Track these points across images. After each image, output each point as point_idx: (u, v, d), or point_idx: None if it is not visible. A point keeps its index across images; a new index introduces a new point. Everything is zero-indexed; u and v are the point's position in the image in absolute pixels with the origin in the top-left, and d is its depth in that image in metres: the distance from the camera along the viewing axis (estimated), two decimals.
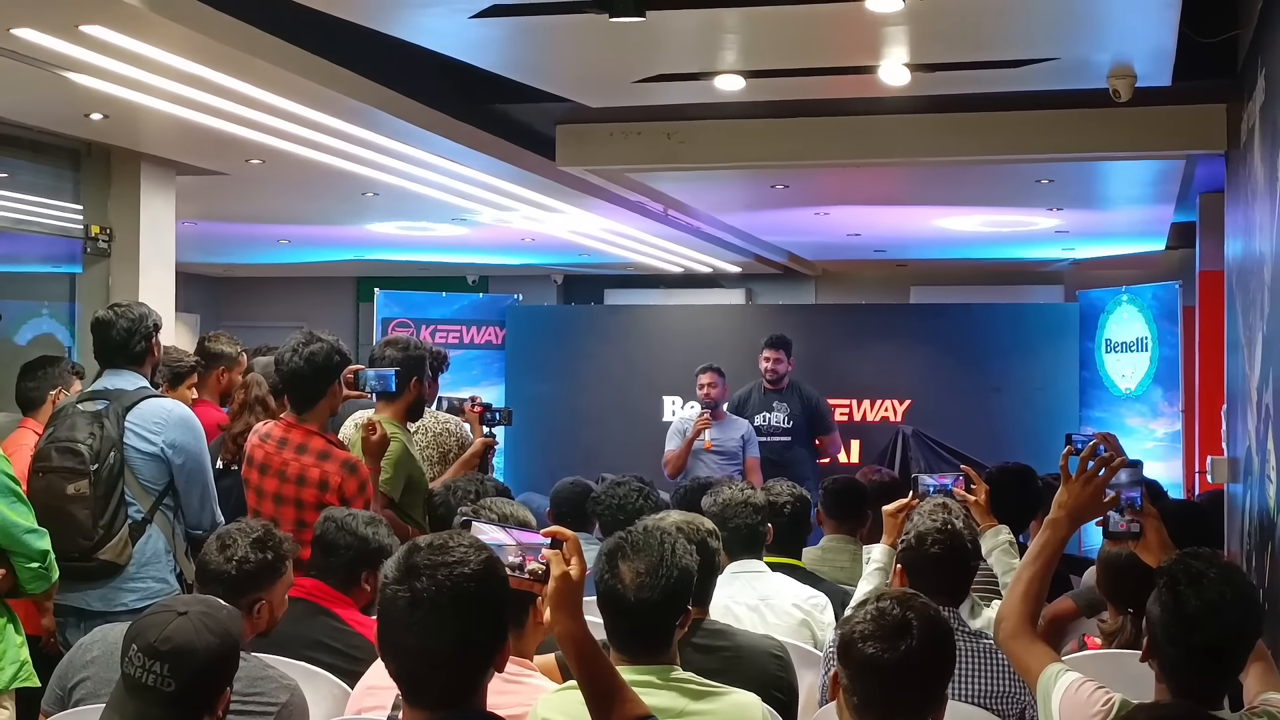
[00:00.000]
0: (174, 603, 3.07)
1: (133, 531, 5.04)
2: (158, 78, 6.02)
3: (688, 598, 3.22)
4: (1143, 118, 7.10)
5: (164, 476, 5.12)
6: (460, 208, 9.88)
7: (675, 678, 3.15)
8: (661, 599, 3.13)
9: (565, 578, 2.67)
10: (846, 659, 2.78)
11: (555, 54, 6.35)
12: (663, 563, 3.15)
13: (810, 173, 8.77)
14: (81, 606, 5.06)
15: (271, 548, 3.76)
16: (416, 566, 2.47)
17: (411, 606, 2.44)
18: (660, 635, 3.18)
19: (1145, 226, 10.99)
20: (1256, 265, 4.96)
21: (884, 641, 2.73)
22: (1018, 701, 3.84)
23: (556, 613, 2.67)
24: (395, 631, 2.47)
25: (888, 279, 14.94)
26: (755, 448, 9.06)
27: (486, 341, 13.28)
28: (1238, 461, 5.69)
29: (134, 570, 5.04)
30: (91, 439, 5.00)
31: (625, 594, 3.11)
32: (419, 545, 2.51)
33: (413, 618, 2.44)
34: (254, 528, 3.81)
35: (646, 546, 3.17)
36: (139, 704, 2.88)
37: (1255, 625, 3.06)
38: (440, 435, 6.33)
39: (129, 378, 5.18)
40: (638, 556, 3.14)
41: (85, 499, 4.96)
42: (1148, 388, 10.85)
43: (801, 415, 9.45)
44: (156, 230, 8.11)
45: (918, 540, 4.05)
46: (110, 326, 5.17)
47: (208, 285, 16.20)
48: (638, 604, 3.12)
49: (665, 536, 3.22)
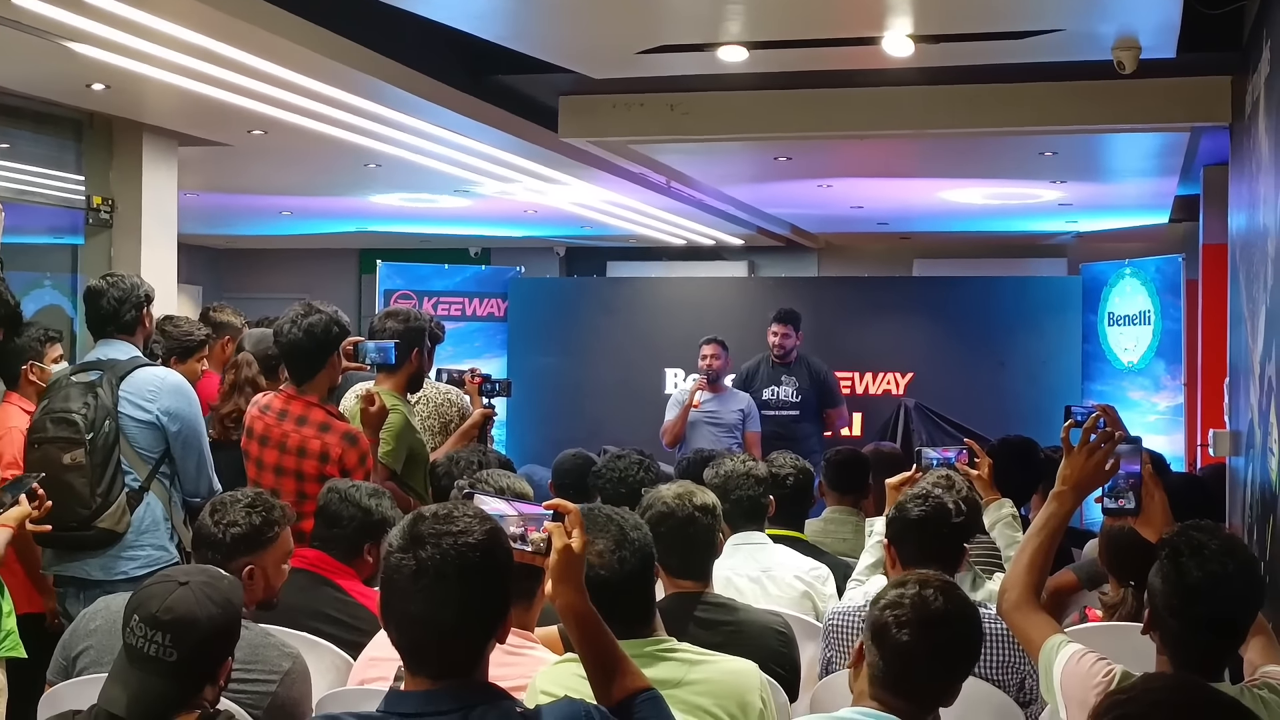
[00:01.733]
0: (175, 573, 3.07)
1: (130, 499, 5.05)
2: (160, 48, 6.01)
3: (654, 562, 3.30)
4: (1147, 90, 7.08)
5: (160, 444, 5.13)
6: (463, 179, 9.87)
7: (670, 648, 3.18)
8: (638, 567, 3.20)
9: (568, 550, 2.66)
10: (880, 642, 2.84)
11: (558, 25, 6.33)
12: (625, 535, 3.22)
13: (813, 144, 8.76)
14: (82, 576, 5.07)
15: (262, 512, 3.75)
16: (421, 535, 2.47)
17: (416, 575, 2.44)
18: (643, 604, 3.23)
19: (1149, 199, 10.97)
20: (1260, 238, 4.95)
21: (921, 630, 2.82)
22: (1017, 671, 3.85)
23: (559, 585, 2.67)
24: (399, 600, 2.47)
25: (890, 252, 14.92)
26: (756, 422, 9.06)
27: (489, 314, 13.27)
28: (1240, 435, 5.70)
29: (133, 538, 5.06)
30: (86, 408, 5.01)
31: (599, 572, 3.12)
32: (424, 515, 2.51)
33: (417, 586, 2.44)
34: (247, 494, 3.82)
35: (604, 526, 3.22)
36: (141, 674, 2.89)
37: (1257, 597, 3.07)
38: (442, 405, 6.33)
39: (121, 347, 5.19)
40: (599, 536, 3.17)
41: (82, 468, 4.96)
42: (1150, 361, 10.84)
43: (810, 389, 9.46)
44: (159, 201, 8.11)
45: (898, 509, 4.07)
46: (101, 296, 5.20)
47: (210, 257, 16.19)
48: (618, 577, 3.16)
49: (613, 512, 3.31)
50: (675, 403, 9.23)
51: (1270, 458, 4.36)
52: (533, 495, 4.04)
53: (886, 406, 11.58)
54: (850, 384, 12.01)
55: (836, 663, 3.97)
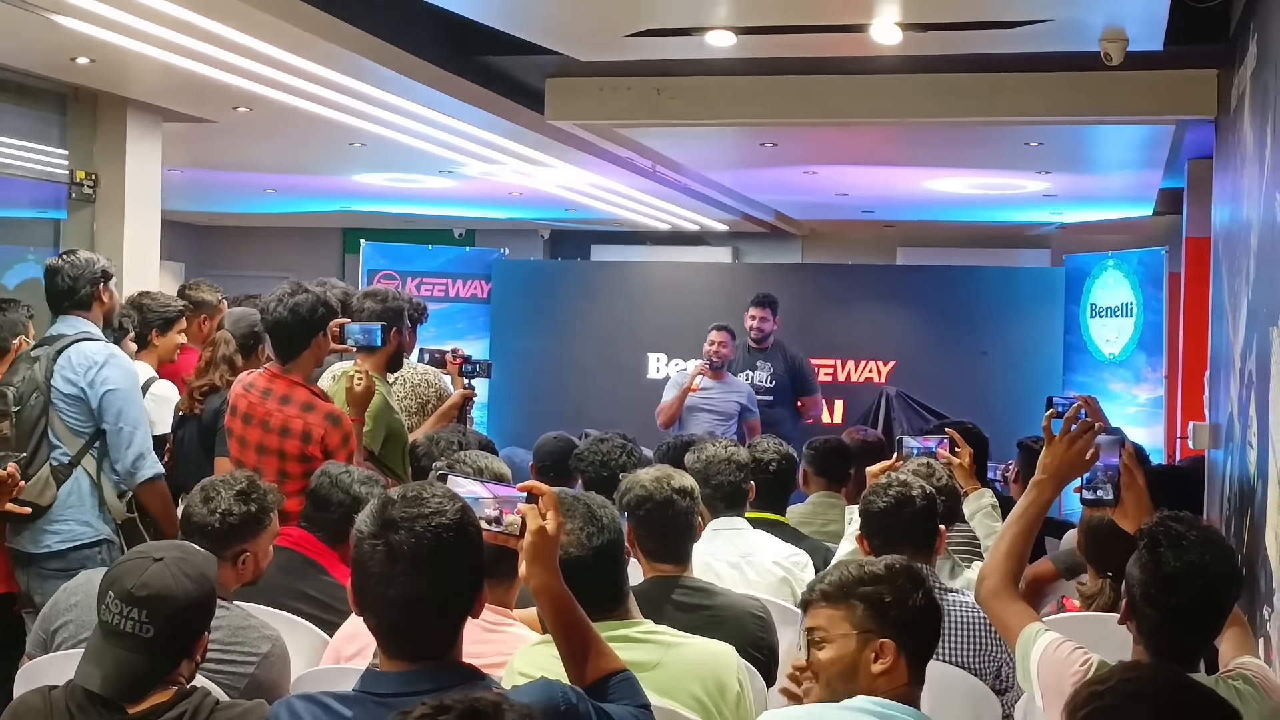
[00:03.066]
0: (149, 549, 3.07)
1: (57, 473, 5.04)
2: (145, 22, 5.98)
3: (623, 542, 3.32)
4: (1134, 82, 7.09)
5: (91, 419, 5.10)
6: (448, 160, 9.85)
7: (647, 630, 3.19)
8: (606, 545, 3.22)
9: (541, 532, 2.67)
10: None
11: (546, 6, 6.32)
12: (592, 514, 3.25)
13: (799, 131, 8.76)
14: (18, 549, 5.09)
15: (255, 499, 3.77)
16: (393, 520, 2.47)
17: (390, 559, 2.45)
18: (614, 584, 3.25)
19: (1133, 192, 11.00)
20: (1243, 232, 4.96)
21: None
22: (994, 659, 3.86)
23: (533, 566, 2.67)
24: (375, 585, 2.48)
25: (875, 240, 14.94)
26: (757, 412, 9.05)
27: (472, 295, 13.25)
28: (1219, 427, 5.71)
29: (56, 511, 5.04)
30: (21, 381, 5.04)
31: (569, 550, 3.13)
32: (392, 498, 2.51)
33: (394, 570, 2.45)
34: (238, 479, 3.82)
35: (570, 507, 3.23)
36: (118, 651, 2.88)
37: (1234, 588, 3.09)
38: (419, 386, 6.34)
39: (74, 323, 5.18)
40: (567, 518, 3.17)
41: (6, 440, 4.98)
42: (1132, 353, 10.87)
43: (785, 375, 9.46)
44: (142, 177, 8.08)
45: (864, 503, 4.11)
46: (57, 273, 5.20)
47: (193, 233, 16.14)
48: (588, 556, 3.19)
49: (578, 495, 3.35)
50: (675, 384, 9.21)
51: (1249, 451, 4.38)
52: (510, 477, 4.05)
53: (868, 394, 11.60)
54: (833, 371, 12.03)
55: None
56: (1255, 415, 4.26)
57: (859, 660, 2.85)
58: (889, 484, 4.11)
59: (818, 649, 2.89)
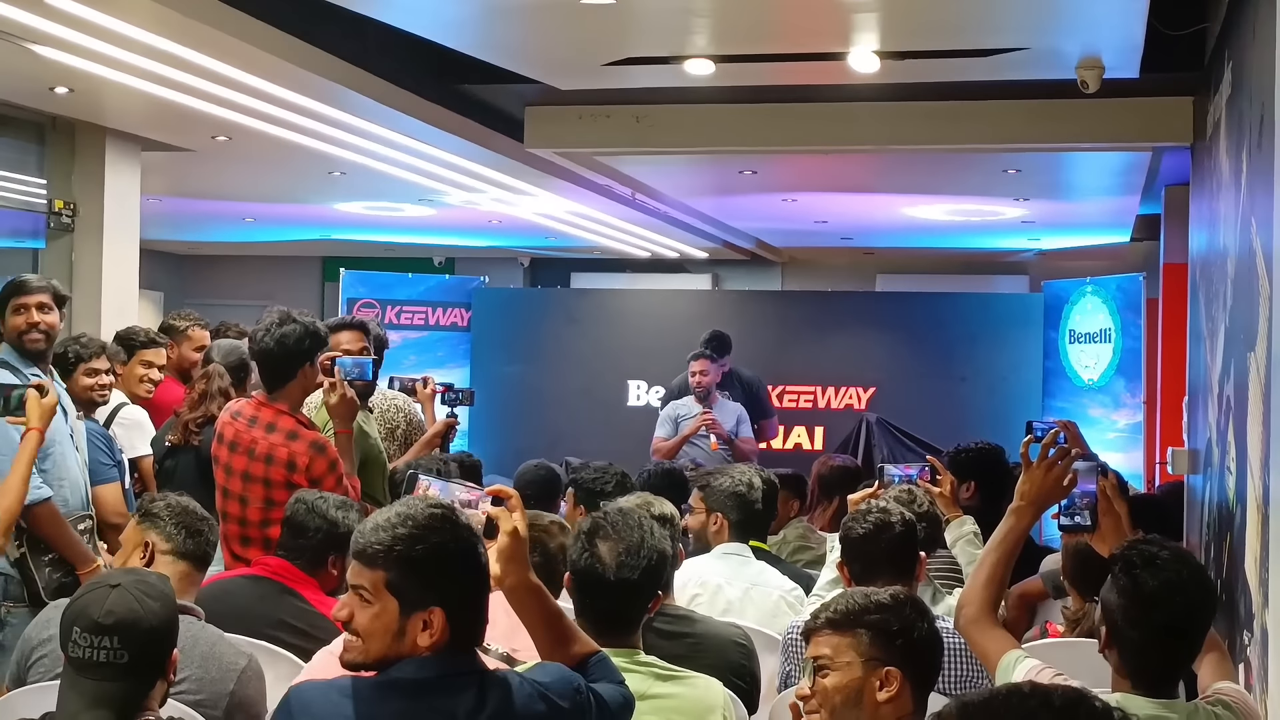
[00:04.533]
0: (103, 578, 3.05)
1: None
2: (124, 52, 5.98)
3: (661, 580, 3.31)
4: (1110, 109, 7.13)
5: None
6: (428, 188, 9.85)
7: (641, 660, 3.20)
8: (640, 579, 3.20)
9: (515, 533, 2.76)
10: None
11: (525, 35, 6.33)
12: (643, 544, 3.23)
13: (778, 158, 8.78)
14: None
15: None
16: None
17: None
18: (633, 615, 3.25)
19: (1111, 218, 11.04)
20: (1220, 258, 4.98)
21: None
22: (976, 685, 3.86)
23: (508, 565, 2.76)
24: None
25: (854, 266, 14.97)
26: (748, 428, 8.98)
27: (452, 323, 13.26)
28: (1198, 453, 5.73)
29: None
30: None
31: (604, 573, 3.18)
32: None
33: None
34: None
35: (625, 528, 3.24)
36: (95, 683, 2.86)
37: (1210, 603, 3.09)
38: (388, 412, 6.35)
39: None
40: (617, 537, 3.20)
41: None
42: (1110, 378, 10.91)
43: (744, 402, 9.35)
44: (121, 206, 8.06)
45: (843, 530, 4.13)
46: None
47: (172, 262, 16.09)
48: (617, 583, 3.18)
49: (643, 519, 3.31)
50: (667, 419, 9.04)
51: (1228, 476, 4.39)
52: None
53: (848, 421, 11.62)
54: (812, 398, 12.06)
55: (795, 676, 3.98)
56: (1234, 440, 4.28)
57: (864, 688, 2.85)
58: (869, 510, 4.12)
59: (822, 676, 2.89)
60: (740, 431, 8.90)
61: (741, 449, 8.75)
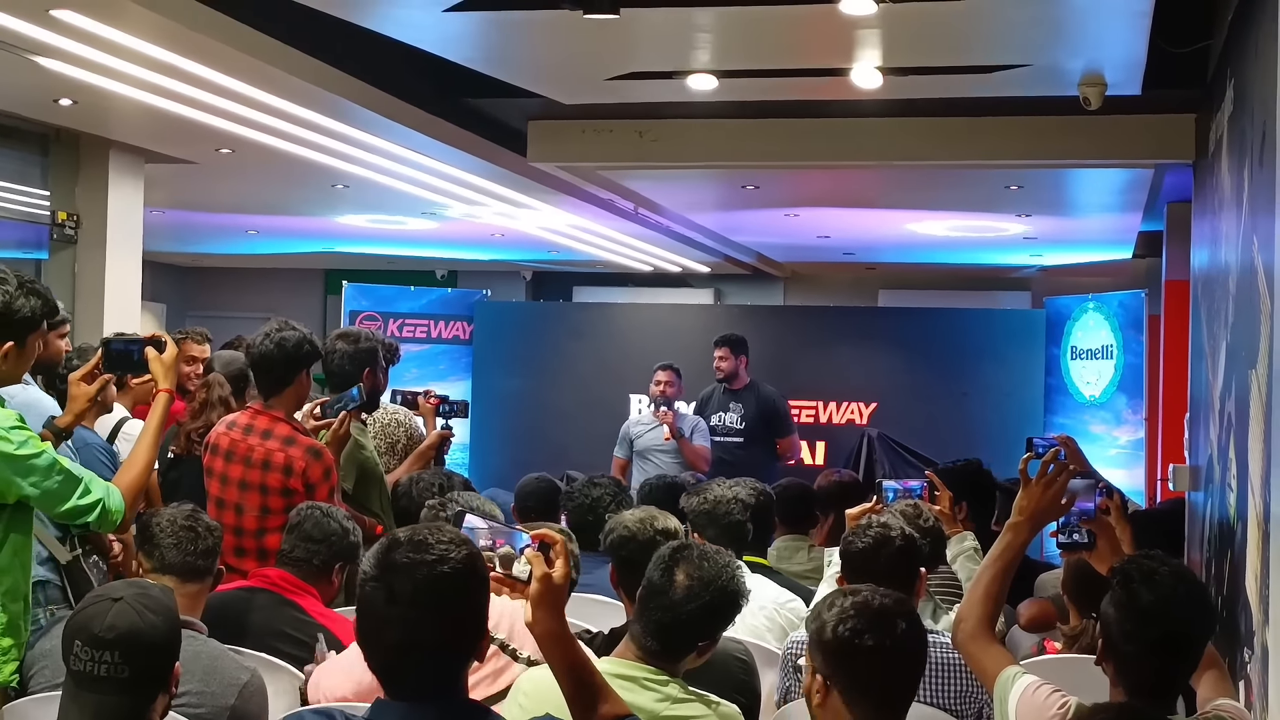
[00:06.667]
0: (105, 591, 3.05)
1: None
2: (128, 64, 6.00)
3: (724, 624, 3.29)
4: (1112, 126, 7.14)
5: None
6: (431, 202, 9.87)
7: (662, 679, 3.17)
8: (701, 615, 3.19)
9: (547, 579, 2.67)
10: (848, 658, 2.85)
11: (529, 49, 6.34)
12: (718, 579, 3.22)
13: (781, 174, 8.79)
14: None
15: None
16: (395, 564, 2.45)
17: (389, 602, 2.43)
18: (683, 646, 3.22)
19: (1113, 235, 11.05)
20: (1221, 275, 4.98)
21: (881, 628, 2.85)
22: (975, 701, 3.85)
23: (538, 611, 2.68)
24: (373, 626, 2.47)
25: (856, 282, 14.98)
26: (705, 438, 8.95)
27: (454, 337, 13.25)
28: (1199, 470, 5.72)
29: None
30: None
31: (672, 594, 3.17)
32: (398, 540, 2.50)
33: (391, 614, 2.43)
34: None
35: (711, 562, 3.23)
36: (96, 697, 2.86)
37: (1209, 619, 3.09)
38: (389, 426, 6.35)
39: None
40: (699, 567, 3.19)
41: None
42: (1112, 395, 10.90)
43: (756, 417, 9.26)
44: (124, 218, 8.08)
45: (844, 544, 4.11)
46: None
47: (175, 275, 16.12)
48: (680, 607, 3.17)
49: (731, 561, 3.30)
50: (624, 439, 9.14)
51: (1229, 493, 4.39)
52: (501, 516, 4.05)
53: (850, 436, 11.61)
54: (814, 413, 12.04)
55: (794, 691, 3.97)
56: (1235, 457, 4.28)
57: (809, 693, 2.92)
58: (870, 525, 4.11)
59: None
60: (694, 440, 8.85)
61: (693, 449, 8.73)
